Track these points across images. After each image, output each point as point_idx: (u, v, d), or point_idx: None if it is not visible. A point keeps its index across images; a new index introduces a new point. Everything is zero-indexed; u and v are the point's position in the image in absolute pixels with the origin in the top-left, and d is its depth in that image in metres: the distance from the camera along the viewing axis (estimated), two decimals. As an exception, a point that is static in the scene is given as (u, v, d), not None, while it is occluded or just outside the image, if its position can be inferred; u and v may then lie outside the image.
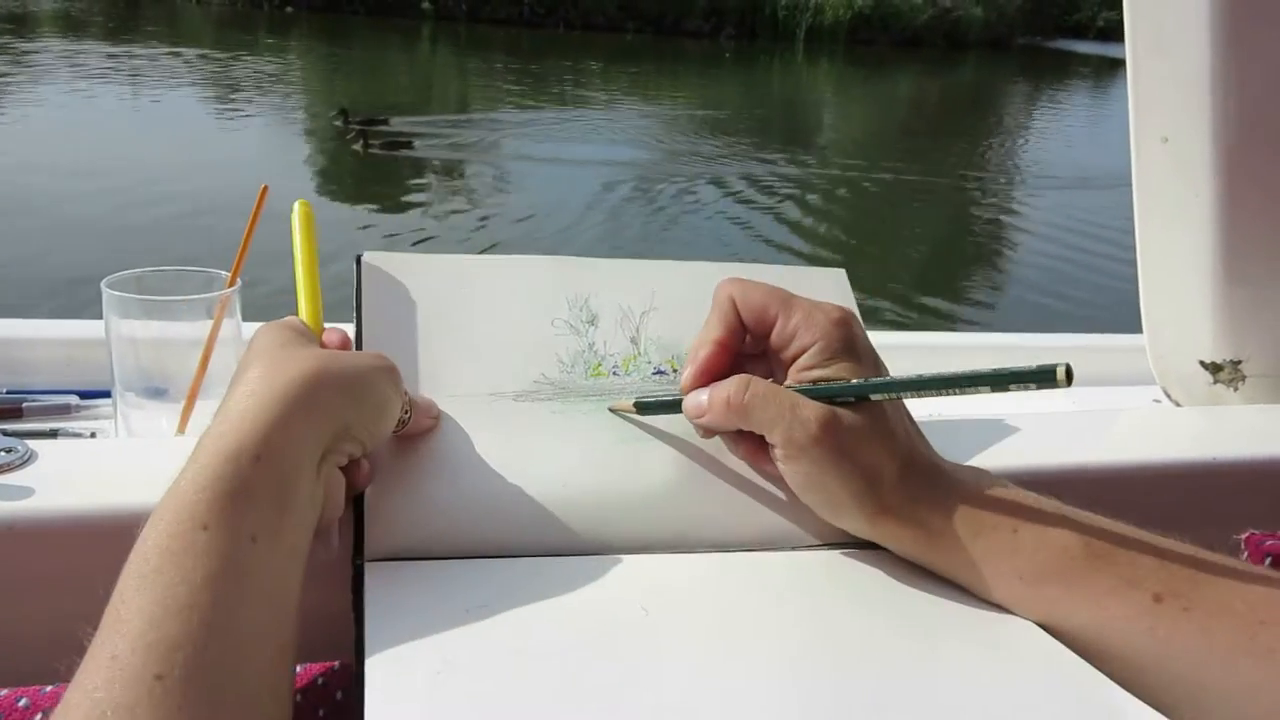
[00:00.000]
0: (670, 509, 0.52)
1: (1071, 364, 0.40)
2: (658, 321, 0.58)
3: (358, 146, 7.53)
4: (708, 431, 0.52)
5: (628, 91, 12.36)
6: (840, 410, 0.47)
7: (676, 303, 0.58)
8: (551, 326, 0.56)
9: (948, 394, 0.45)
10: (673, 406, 0.52)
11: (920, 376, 0.46)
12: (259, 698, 0.35)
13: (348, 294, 0.55)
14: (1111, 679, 0.43)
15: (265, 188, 0.70)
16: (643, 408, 0.53)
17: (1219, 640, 0.43)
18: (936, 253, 6.20)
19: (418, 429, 0.50)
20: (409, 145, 7.59)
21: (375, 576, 0.45)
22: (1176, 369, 0.80)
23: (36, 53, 10.70)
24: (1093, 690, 0.42)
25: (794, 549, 0.52)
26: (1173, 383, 0.81)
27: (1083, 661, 0.44)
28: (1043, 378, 0.40)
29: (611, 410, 0.54)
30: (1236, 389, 0.78)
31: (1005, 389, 0.42)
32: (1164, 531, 0.47)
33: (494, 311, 0.56)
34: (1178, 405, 0.81)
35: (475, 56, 15.55)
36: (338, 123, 8.01)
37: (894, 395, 0.47)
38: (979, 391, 0.44)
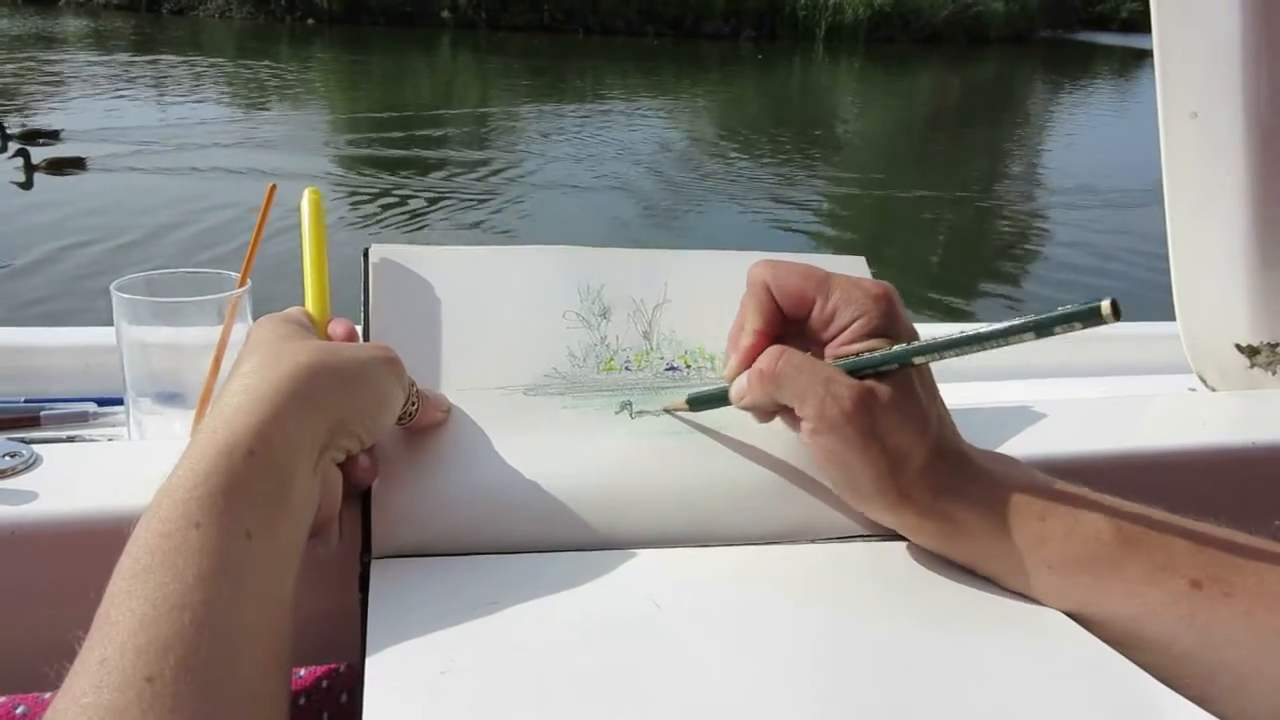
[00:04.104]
0: (683, 503, 0.50)
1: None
2: (670, 315, 0.57)
3: (19, 169, 6.36)
4: (763, 415, 0.50)
5: (649, 95, 12.37)
6: (877, 387, 0.45)
7: (689, 294, 0.57)
8: (563, 319, 0.55)
9: (991, 347, 0.43)
10: (723, 399, 0.50)
11: (962, 334, 0.44)
12: (254, 698, 0.33)
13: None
14: (1148, 669, 0.41)
15: (273, 186, 0.69)
16: (695, 403, 0.52)
17: (1264, 625, 0.42)
18: (958, 256, 6.15)
19: (427, 422, 0.49)
20: (80, 165, 6.52)
21: (381, 574, 0.44)
22: (1211, 353, 0.78)
23: (67, 65, 10.87)
24: (1129, 684, 0.40)
25: (812, 542, 0.50)
26: (1208, 367, 0.78)
27: (1117, 654, 0.42)
28: (1088, 317, 0.38)
29: (666, 411, 0.53)
30: (1275, 372, 0.75)
31: (1050, 333, 0.40)
32: (1202, 519, 0.46)
33: (504, 303, 0.55)
34: (1213, 390, 0.79)
35: (495, 62, 15.62)
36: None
37: (935, 357, 0.45)
38: (1023, 340, 0.41)
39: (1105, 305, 0.37)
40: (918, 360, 0.46)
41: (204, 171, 6.40)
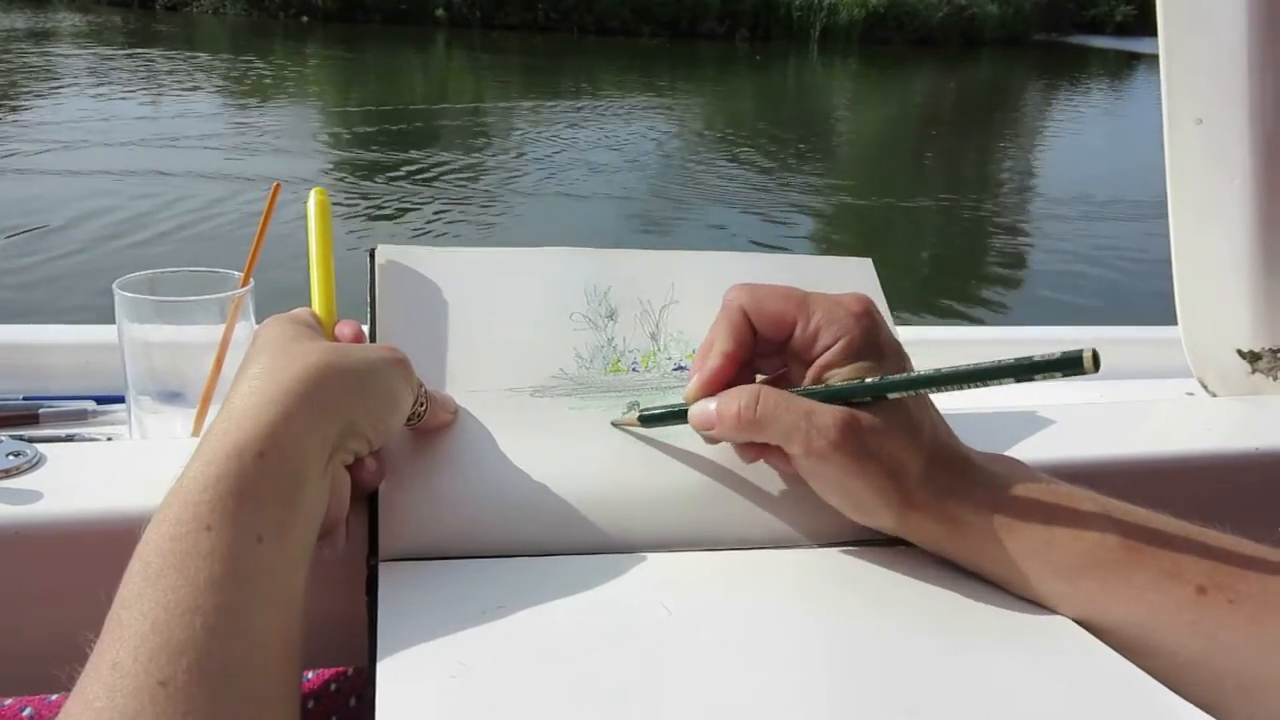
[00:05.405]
0: (692, 506, 0.50)
1: (1100, 353, 0.38)
2: (677, 315, 0.56)
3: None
4: (713, 438, 0.49)
5: (645, 95, 12.36)
6: (859, 411, 0.45)
7: (696, 295, 0.57)
8: (570, 320, 0.55)
9: (969, 388, 0.43)
10: (679, 417, 0.49)
11: (938, 372, 0.43)
12: (267, 702, 0.33)
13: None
14: (1154, 676, 0.41)
15: (278, 185, 0.69)
16: (647, 420, 0.51)
17: (1271, 632, 0.42)
18: (955, 257, 6.15)
19: (435, 424, 0.49)
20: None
21: (390, 577, 0.44)
22: (1213, 358, 0.78)
23: (59, 60, 10.80)
24: (1138, 690, 0.40)
25: (821, 546, 0.50)
26: (1209, 373, 0.78)
27: (1125, 661, 0.42)
28: (1069, 365, 0.38)
29: (614, 425, 0.52)
30: (1276, 378, 0.75)
31: (1030, 379, 0.40)
32: (1204, 524, 0.46)
33: (511, 305, 0.55)
34: (1214, 396, 0.79)
35: (489, 61, 15.59)
36: None
37: (911, 393, 0.45)
38: (1002, 383, 0.41)
39: (1087, 356, 0.37)
40: (892, 395, 0.45)
41: (172, 175, 6.32)
